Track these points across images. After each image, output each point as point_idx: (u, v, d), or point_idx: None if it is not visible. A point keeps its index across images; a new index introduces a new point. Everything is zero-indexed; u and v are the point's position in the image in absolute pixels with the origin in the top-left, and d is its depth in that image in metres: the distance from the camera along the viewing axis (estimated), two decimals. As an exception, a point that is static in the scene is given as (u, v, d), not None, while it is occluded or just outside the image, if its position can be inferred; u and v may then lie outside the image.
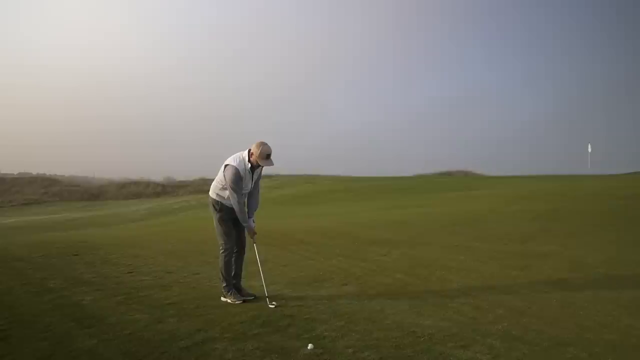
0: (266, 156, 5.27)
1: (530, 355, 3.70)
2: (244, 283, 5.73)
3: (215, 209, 5.54)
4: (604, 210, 13.14)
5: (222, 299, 5.46)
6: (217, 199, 5.53)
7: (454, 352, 3.77)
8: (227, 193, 5.36)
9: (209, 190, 5.67)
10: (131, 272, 7.29)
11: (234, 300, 5.36)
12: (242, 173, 5.26)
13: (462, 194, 24.35)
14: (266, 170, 5.61)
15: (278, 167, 5.83)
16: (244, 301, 5.38)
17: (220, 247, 5.55)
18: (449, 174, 65.35)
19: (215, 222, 5.57)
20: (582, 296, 5.47)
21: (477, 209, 15.62)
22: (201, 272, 7.21)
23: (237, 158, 5.32)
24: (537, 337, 4.12)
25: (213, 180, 5.61)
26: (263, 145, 5.26)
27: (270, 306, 5.09)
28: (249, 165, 5.31)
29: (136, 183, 77.38)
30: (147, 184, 76.23)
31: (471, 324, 4.50)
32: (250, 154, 5.31)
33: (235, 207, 5.30)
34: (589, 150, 42.67)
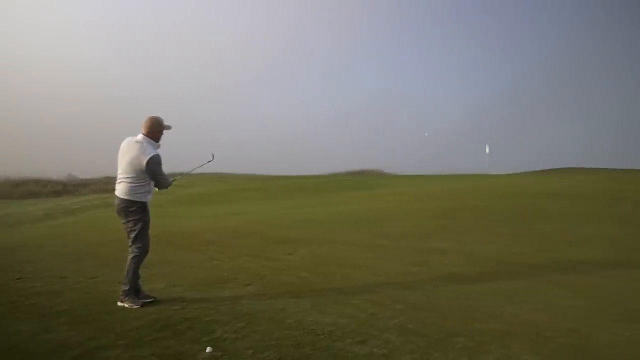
0: (164, 124, 5.38)
1: (423, 348, 3.86)
2: (143, 286, 5.51)
3: (140, 212, 5.22)
4: (498, 207, 14.05)
5: (119, 304, 5.19)
6: (141, 200, 5.23)
7: (352, 348, 3.86)
8: (149, 188, 5.26)
9: (114, 190, 5.34)
10: (19, 279, 6.77)
11: (132, 304, 5.12)
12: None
13: (370, 192, 25.02)
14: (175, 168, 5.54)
15: (188, 165, 5.87)
16: (142, 305, 5.15)
17: (137, 250, 5.25)
18: (362, 173, 66.85)
19: (138, 226, 5.22)
20: (475, 289, 5.80)
21: (383, 207, 16.12)
22: (99, 276, 6.84)
23: (148, 147, 5.17)
24: (431, 329, 4.30)
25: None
26: (156, 117, 5.35)
27: None
28: (159, 144, 5.34)
29: (34, 182, 72.13)
30: (47, 182, 71.23)
31: (370, 320, 4.62)
32: (151, 135, 5.26)
33: (167, 181, 5.39)
34: (487, 151, 45.61)
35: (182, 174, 7.20)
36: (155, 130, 5.29)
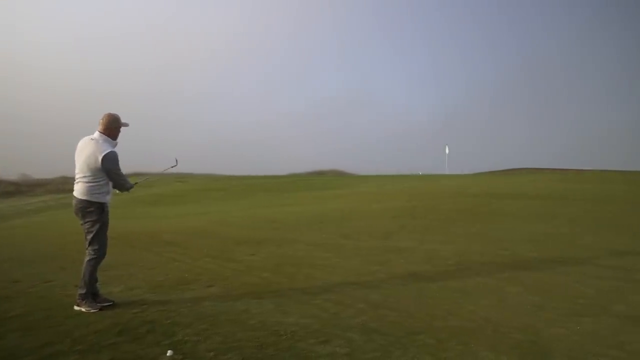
0: (122, 121, 5.30)
1: (385, 346, 3.92)
2: (101, 289, 5.38)
3: (98, 213, 5.08)
4: (455, 207, 14.37)
5: (76, 307, 5.05)
6: (100, 200, 5.09)
7: (315, 348, 3.88)
8: (107, 189, 5.13)
9: (71, 190, 5.20)
10: (-34, 284, 6.49)
11: (89, 308, 4.99)
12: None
13: (331, 192, 25.18)
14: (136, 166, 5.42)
15: (147, 165, 5.72)
16: (100, 309, 5.02)
17: (93, 252, 5.10)
18: (321, 173, 66.98)
19: (96, 227, 5.08)
20: (434, 286, 5.91)
21: (344, 207, 16.24)
22: (54, 279, 6.64)
23: (103, 144, 5.05)
24: (392, 328, 4.37)
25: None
26: (112, 114, 5.24)
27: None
28: (116, 142, 5.24)
29: (-19, 181, 69.17)
30: (-3, 182, 68.42)
31: (333, 319, 4.66)
32: (108, 132, 5.16)
33: (127, 183, 5.25)
34: (447, 151, 46.62)
35: (145, 178, 7.03)
36: (112, 126, 5.18)
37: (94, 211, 5.08)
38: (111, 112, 5.22)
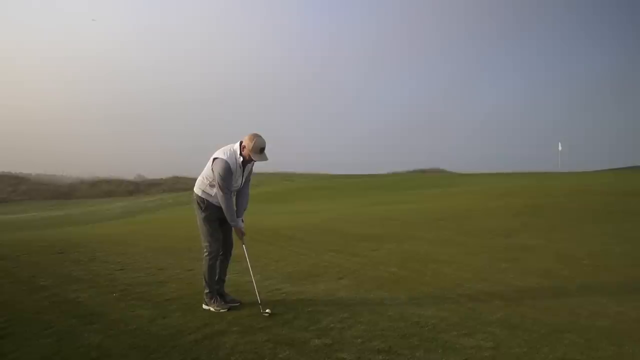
0: (260, 150, 4.85)
1: (530, 342, 3.84)
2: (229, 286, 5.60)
3: (201, 208, 5.07)
4: (582, 205, 13.50)
5: (204, 306, 5.06)
6: (202, 196, 5.05)
7: (459, 340, 3.89)
8: (214, 190, 4.93)
9: (183, 189, 5.43)
10: (122, 269, 7.25)
11: (218, 308, 4.96)
12: (232, 167, 4.83)
13: (442, 190, 24.72)
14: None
15: (257, 166, 5.38)
16: (229, 309, 4.96)
17: (205, 250, 5.07)
18: (422, 172, 65.99)
19: (199, 222, 5.10)
20: (572, 286, 5.66)
21: (459, 205, 15.89)
22: (194, 268, 7.17)
23: (228, 151, 4.91)
24: (533, 325, 4.27)
25: (190, 178, 5.31)
26: (257, 137, 4.84)
27: (264, 314, 4.68)
28: (241, 159, 4.90)
29: (108, 181, 76.52)
30: (120, 182, 75.34)
31: (470, 313, 4.63)
32: (242, 147, 4.88)
33: (223, 204, 4.88)
34: (560, 148, 43.70)
35: None
36: (246, 149, 4.88)
37: (197, 203, 5.14)
38: (258, 137, 4.89)
